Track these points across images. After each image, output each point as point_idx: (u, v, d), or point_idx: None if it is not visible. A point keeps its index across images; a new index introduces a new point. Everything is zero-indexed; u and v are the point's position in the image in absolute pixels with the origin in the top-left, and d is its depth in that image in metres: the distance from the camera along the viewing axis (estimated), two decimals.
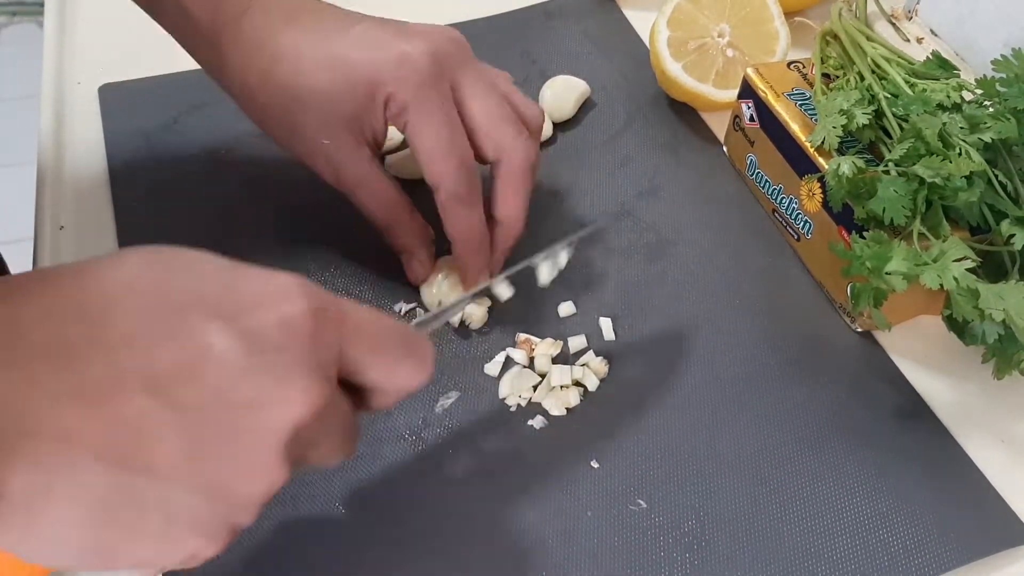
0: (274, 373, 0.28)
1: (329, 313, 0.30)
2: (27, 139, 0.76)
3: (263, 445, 0.27)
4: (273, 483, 0.28)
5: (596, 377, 0.44)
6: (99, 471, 0.26)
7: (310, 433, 0.29)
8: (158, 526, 0.27)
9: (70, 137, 0.55)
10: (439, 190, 0.43)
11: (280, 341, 0.28)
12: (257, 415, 0.27)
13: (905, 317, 0.48)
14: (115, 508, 0.26)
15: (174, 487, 0.27)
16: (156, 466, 0.26)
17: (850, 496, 0.41)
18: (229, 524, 0.28)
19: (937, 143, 0.42)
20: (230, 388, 0.27)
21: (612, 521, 0.39)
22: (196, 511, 0.27)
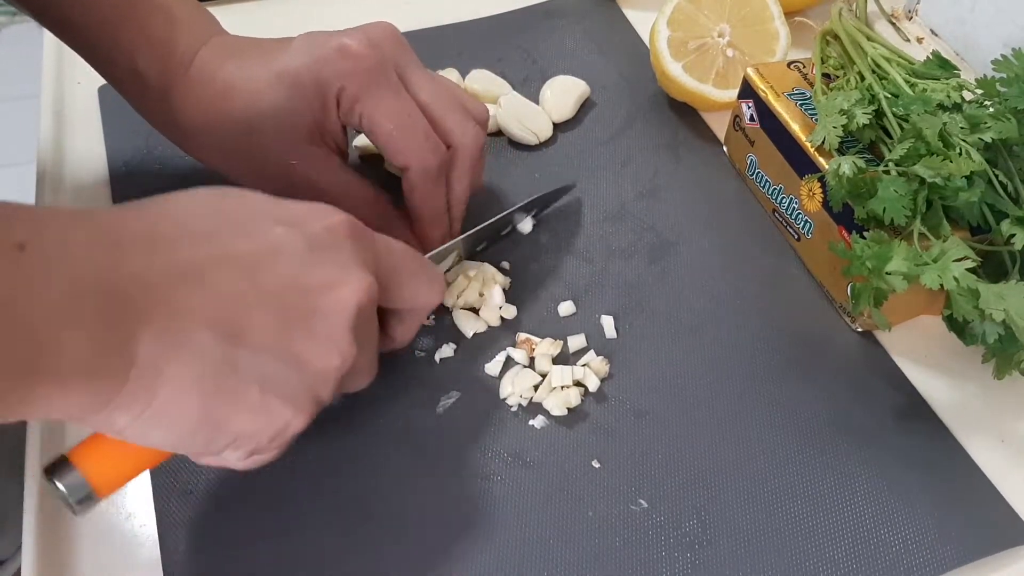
0: (335, 263, 0.33)
1: (363, 228, 0.35)
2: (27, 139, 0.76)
3: (336, 321, 0.32)
4: (346, 357, 0.33)
5: (597, 377, 0.44)
6: (209, 342, 0.30)
7: (363, 325, 0.34)
8: (256, 396, 0.31)
9: (70, 137, 0.55)
10: (409, 170, 0.43)
11: (331, 241, 0.33)
12: (328, 296, 0.32)
13: (905, 317, 0.48)
14: (221, 376, 0.30)
15: (267, 359, 0.31)
16: (252, 338, 0.30)
17: (851, 496, 0.41)
18: (312, 395, 0.32)
19: (937, 143, 0.42)
20: (302, 274, 0.32)
21: (613, 521, 0.39)
22: (285, 381, 0.31)
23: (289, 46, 0.43)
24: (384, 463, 0.41)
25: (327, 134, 0.44)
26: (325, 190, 0.44)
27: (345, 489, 0.40)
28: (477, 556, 0.38)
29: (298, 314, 0.32)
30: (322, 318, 0.32)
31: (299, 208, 0.34)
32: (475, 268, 0.47)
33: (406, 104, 0.42)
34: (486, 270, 0.47)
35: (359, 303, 0.33)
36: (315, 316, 0.32)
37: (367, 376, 0.37)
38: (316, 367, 0.32)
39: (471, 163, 0.45)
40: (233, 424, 0.31)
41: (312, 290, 0.32)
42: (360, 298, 0.33)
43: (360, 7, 0.64)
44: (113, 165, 0.53)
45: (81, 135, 0.55)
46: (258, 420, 0.31)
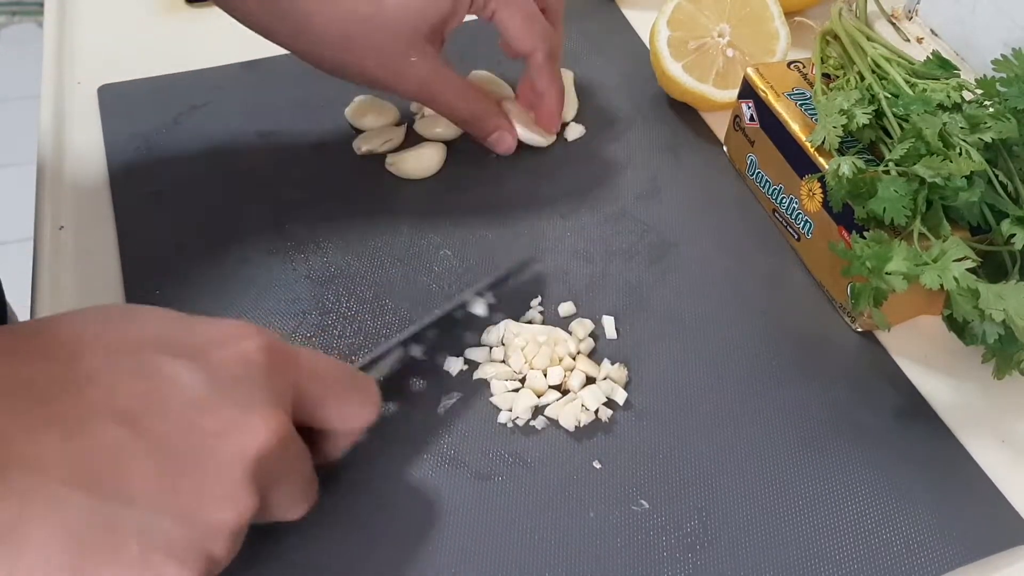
0: (237, 403, 0.29)
1: (281, 351, 0.32)
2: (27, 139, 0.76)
3: (231, 471, 0.29)
4: (242, 511, 0.29)
5: (620, 386, 0.44)
6: (75, 499, 0.27)
7: (273, 465, 0.30)
8: (136, 551, 0.28)
9: (70, 137, 0.55)
10: (536, 53, 0.50)
11: (239, 374, 0.30)
12: (224, 442, 0.29)
13: (905, 317, 0.48)
14: (93, 534, 0.27)
15: (148, 512, 0.28)
16: (130, 491, 0.28)
17: (852, 496, 0.41)
18: (203, 551, 0.29)
19: (937, 143, 0.42)
20: (196, 417, 0.29)
21: (614, 521, 0.39)
22: (170, 536, 0.28)
23: None
24: (384, 463, 0.41)
25: (445, 32, 0.47)
26: (431, 81, 0.48)
27: (345, 489, 0.40)
28: (478, 557, 0.38)
29: (186, 463, 0.29)
30: (216, 469, 0.29)
31: (209, 332, 0.31)
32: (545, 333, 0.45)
33: (528, 1, 0.48)
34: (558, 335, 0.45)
35: (260, 448, 0.29)
36: (208, 466, 0.29)
37: (300, 506, 0.34)
38: (207, 523, 0.29)
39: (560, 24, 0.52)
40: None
41: (206, 435, 0.29)
42: (262, 441, 0.29)
43: None
44: (113, 165, 0.53)
45: (81, 135, 0.55)
46: (140, 574, 0.28)
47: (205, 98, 0.57)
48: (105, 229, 0.50)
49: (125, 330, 0.30)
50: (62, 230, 0.50)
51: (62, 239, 0.50)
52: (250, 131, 0.55)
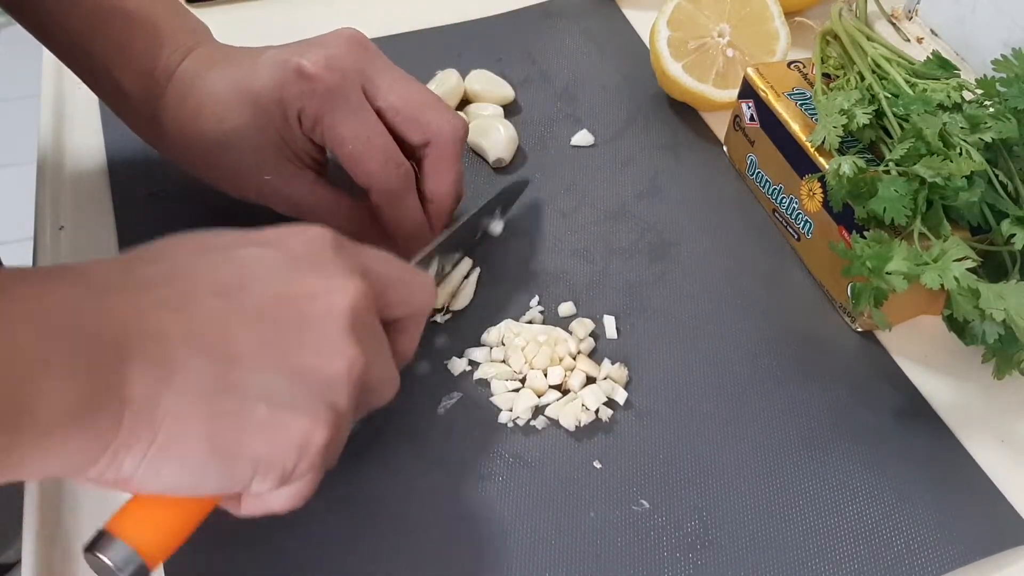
0: (318, 273, 0.32)
1: (344, 240, 0.34)
2: (27, 139, 0.76)
3: (329, 326, 0.31)
4: (351, 360, 0.31)
5: (621, 385, 0.44)
6: (198, 363, 0.29)
7: (365, 327, 0.32)
8: (262, 412, 0.29)
9: (70, 137, 0.55)
10: (371, 190, 0.43)
11: (312, 253, 0.32)
12: (315, 303, 0.31)
13: (905, 317, 0.48)
14: (221, 398, 0.29)
15: (264, 373, 0.30)
16: (243, 356, 0.29)
17: (852, 496, 0.41)
18: (326, 403, 0.31)
19: (938, 143, 0.42)
20: (284, 287, 0.31)
21: (615, 521, 0.39)
22: (291, 393, 0.30)
23: (255, 63, 0.43)
24: (385, 463, 0.41)
25: (297, 150, 0.43)
26: (299, 203, 0.44)
27: (345, 489, 0.40)
28: (478, 556, 0.38)
29: (290, 326, 0.31)
30: (317, 326, 0.31)
31: (275, 230, 0.33)
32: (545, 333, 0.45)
33: (366, 123, 0.42)
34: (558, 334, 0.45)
35: (351, 306, 0.32)
36: (309, 325, 0.31)
37: (389, 387, 0.35)
38: (322, 375, 0.31)
39: (450, 155, 0.44)
40: (247, 447, 0.30)
41: (298, 300, 0.31)
42: (352, 301, 0.32)
43: (361, 7, 0.64)
44: (113, 165, 0.53)
45: (81, 135, 0.55)
46: (273, 438, 0.30)
47: None
48: (105, 229, 0.50)
49: (205, 238, 0.32)
50: (62, 230, 0.50)
51: (62, 239, 0.50)
52: None
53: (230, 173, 0.44)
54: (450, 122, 0.44)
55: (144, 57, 0.43)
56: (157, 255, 0.31)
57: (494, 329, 0.45)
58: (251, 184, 0.44)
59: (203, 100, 0.43)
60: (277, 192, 0.44)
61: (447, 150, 0.44)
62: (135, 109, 0.45)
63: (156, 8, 0.44)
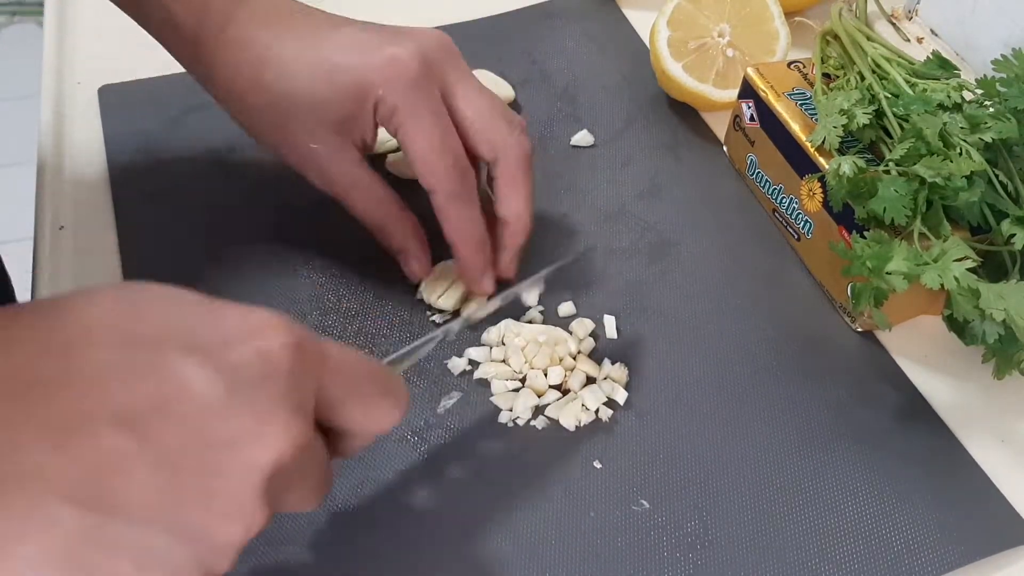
0: (254, 409, 0.27)
1: (308, 349, 0.29)
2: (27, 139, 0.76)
3: (242, 485, 0.26)
4: (251, 526, 0.27)
5: (621, 385, 0.44)
6: (69, 512, 0.25)
7: (288, 473, 0.28)
8: (127, 571, 0.26)
9: (70, 137, 0.55)
10: (435, 192, 0.43)
11: (259, 375, 0.27)
12: (237, 454, 0.26)
13: (906, 317, 0.48)
14: (85, 553, 0.25)
15: (147, 529, 0.26)
16: (128, 506, 0.25)
17: (852, 496, 0.41)
18: (204, 569, 0.27)
19: (938, 143, 0.42)
20: (208, 426, 0.26)
21: (615, 521, 0.39)
22: (170, 555, 0.26)
23: (336, 35, 0.42)
24: (384, 463, 0.41)
25: (355, 130, 0.43)
26: (338, 179, 0.44)
27: (344, 489, 0.40)
28: (478, 557, 0.38)
29: (193, 475, 0.26)
30: (226, 482, 0.26)
31: (231, 323, 0.28)
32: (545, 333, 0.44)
33: (442, 125, 0.42)
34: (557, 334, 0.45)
35: (275, 461, 0.27)
36: (218, 479, 0.26)
37: (313, 503, 0.31)
38: (211, 539, 0.26)
39: (516, 175, 0.44)
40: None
41: (218, 446, 0.26)
42: (279, 453, 0.27)
43: (361, 7, 0.64)
44: (113, 165, 0.53)
45: (81, 135, 0.55)
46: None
47: (205, 98, 0.56)
48: (105, 229, 0.50)
49: (139, 319, 0.27)
50: (62, 230, 0.50)
51: (62, 239, 0.50)
52: None
53: (279, 132, 0.44)
54: (519, 140, 0.44)
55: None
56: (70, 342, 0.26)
57: (494, 329, 0.45)
58: (295, 148, 0.44)
59: (267, 56, 0.42)
60: (319, 163, 0.44)
61: (518, 168, 0.44)
62: (188, 47, 0.43)
63: None
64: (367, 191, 0.45)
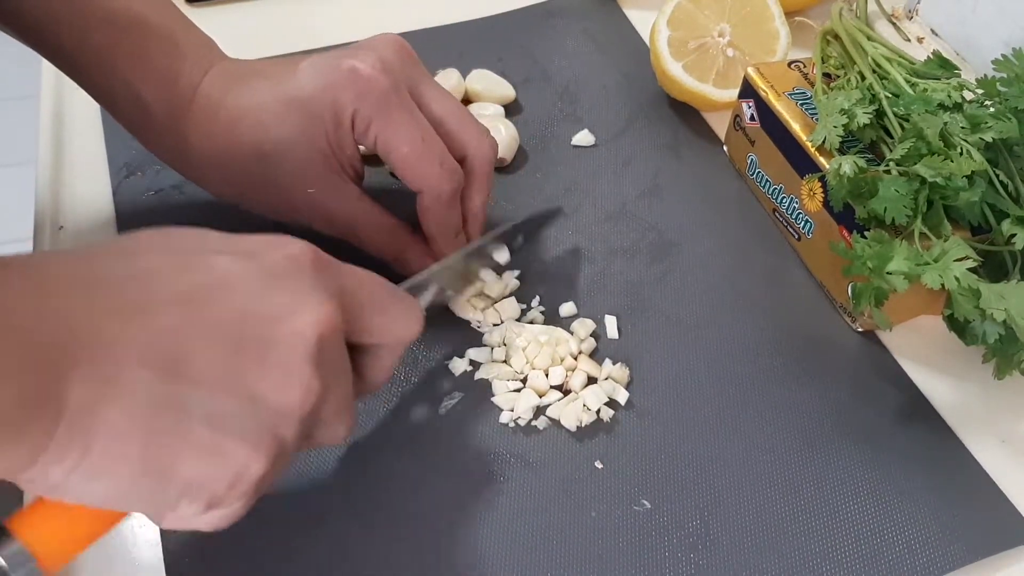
0: (292, 291, 0.30)
1: (325, 257, 0.33)
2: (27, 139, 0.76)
3: (293, 352, 0.29)
4: (307, 392, 0.30)
5: (622, 385, 0.44)
6: (144, 377, 0.27)
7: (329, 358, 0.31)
8: (203, 435, 0.28)
9: (70, 137, 0.55)
10: (424, 194, 0.43)
11: (288, 270, 0.31)
12: (283, 325, 0.29)
13: (906, 317, 0.48)
14: (161, 414, 0.27)
15: (214, 394, 0.28)
16: (195, 374, 0.28)
17: (853, 496, 0.41)
18: (272, 434, 0.29)
19: (938, 143, 0.42)
20: (254, 304, 0.29)
21: (616, 521, 0.39)
22: (238, 418, 0.29)
23: (296, 70, 0.42)
24: (385, 463, 0.41)
25: (343, 159, 0.43)
26: (340, 218, 0.44)
27: (346, 490, 0.40)
28: (479, 557, 0.38)
29: (250, 346, 0.29)
30: (278, 349, 0.29)
31: (256, 240, 0.32)
32: (547, 333, 0.44)
33: (421, 126, 0.42)
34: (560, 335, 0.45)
35: (320, 332, 0.30)
36: (270, 347, 0.29)
37: (343, 425, 0.34)
38: (274, 403, 0.29)
39: (487, 175, 0.44)
40: (181, 469, 0.28)
41: (266, 320, 0.29)
42: (321, 327, 0.30)
43: (360, 7, 0.64)
44: (113, 165, 0.53)
45: (81, 135, 0.55)
46: (209, 463, 0.28)
47: None
48: (105, 229, 0.50)
49: (181, 238, 0.31)
50: (62, 230, 0.50)
51: (62, 239, 0.50)
52: None
53: (269, 189, 0.43)
54: (487, 140, 0.44)
55: (166, 70, 0.42)
56: (125, 250, 0.30)
57: (496, 330, 0.45)
58: (290, 200, 0.43)
59: (240, 113, 0.42)
60: (319, 207, 0.43)
61: (483, 168, 0.44)
62: (159, 128, 0.43)
63: (173, 23, 0.44)
64: (376, 225, 0.44)
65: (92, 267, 0.29)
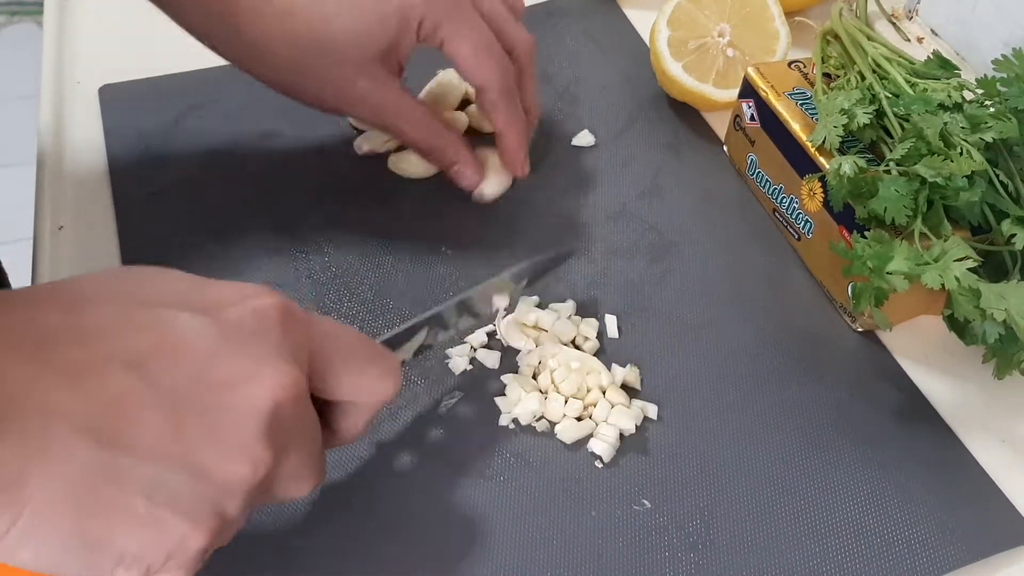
0: (250, 355, 0.29)
1: (297, 312, 0.31)
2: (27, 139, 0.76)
3: (245, 423, 0.28)
4: (257, 465, 0.28)
5: (637, 385, 0.44)
6: (81, 447, 0.26)
7: (287, 425, 0.29)
8: (141, 508, 0.27)
9: (70, 137, 0.55)
10: (487, 90, 0.46)
11: (253, 329, 0.29)
12: (237, 392, 0.28)
13: (906, 317, 0.48)
14: (98, 489, 0.26)
15: (156, 465, 0.27)
16: (139, 443, 0.27)
17: (853, 496, 0.41)
18: (216, 509, 0.28)
19: (938, 143, 0.42)
20: (208, 369, 0.28)
21: (616, 521, 0.39)
22: (179, 491, 0.27)
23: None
24: (385, 463, 0.41)
25: (396, 56, 0.45)
26: (387, 110, 0.46)
27: (346, 489, 0.40)
28: (479, 557, 0.38)
29: (198, 415, 0.28)
30: (229, 419, 0.28)
31: (222, 289, 0.30)
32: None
33: (483, 29, 0.45)
34: None
35: (276, 400, 0.28)
36: (220, 416, 0.28)
37: (307, 481, 0.32)
38: (219, 477, 0.28)
39: (533, 66, 0.49)
40: (116, 541, 0.27)
41: (218, 386, 0.28)
42: (277, 393, 0.28)
43: None
44: (113, 165, 0.53)
45: (81, 135, 0.55)
46: (146, 536, 0.27)
47: (205, 98, 0.56)
48: (105, 229, 0.50)
49: (139, 287, 0.29)
50: (62, 230, 0.50)
51: (62, 239, 0.50)
52: (251, 131, 0.55)
53: (317, 78, 0.45)
54: (527, 37, 0.48)
55: None
56: (74, 301, 0.28)
57: (534, 352, 0.44)
58: (340, 88, 0.45)
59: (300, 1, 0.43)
60: (367, 99, 0.45)
61: (529, 60, 0.48)
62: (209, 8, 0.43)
63: None
64: (417, 118, 0.47)
65: (35, 322, 0.27)
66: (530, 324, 0.45)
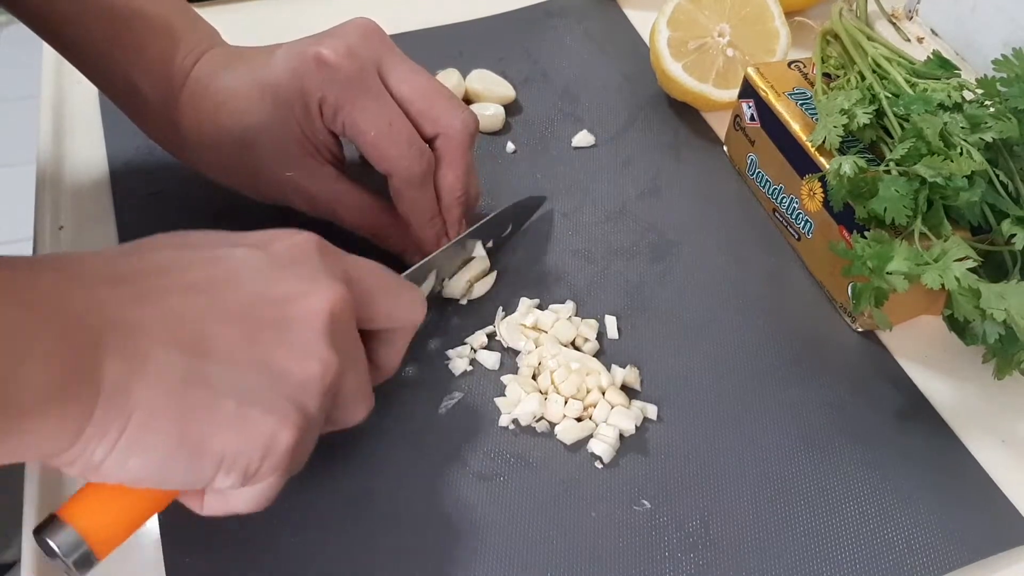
0: (301, 276, 0.32)
1: (330, 246, 0.34)
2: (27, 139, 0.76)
3: (309, 329, 0.31)
4: (327, 364, 0.31)
5: (637, 386, 0.44)
6: (170, 356, 0.29)
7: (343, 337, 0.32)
8: (232, 408, 0.30)
9: (70, 137, 0.55)
10: (393, 177, 0.43)
11: (297, 257, 0.33)
12: (298, 305, 0.31)
13: (906, 317, 0.48)
14: (192, 391, 0.29)
15: (240, 370, 0.30)
16: (219, 352, 0.30)
17: (853, 496, 0.41)
18: (296, 404, 0.31)
19: (938, 143, 0.42)
20: (268, 289, 0.31)
21: (616, 521, 0.39)
22: (263, 392, 0.30)
23: (271, 57, 0.43)
24: (386, 463, 0.41)
25: (318, 144, 0.43)
26: (320, 199, 0.45)
27: (347, 489, 0.40)
28: (479, 557, 0.38)
29: (267, 325, 0.31)
30: (294, 327, 0.31)
31: (261, 233, 0.34)
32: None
33: (387, 110, 0.42)
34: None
35: (331, 309, 0.32)
36: (286, 325, 0.31)
37: (362, 404, 0.35)
38: (295, 376, 0.31)
39: (462, 150, 0.44)
40: (214, 442, 0.30)
41: (279, 302, 0.31)
42: (332, 304, 0.32)
43: (361, 7, 0.64)
44: (113, 165, 0.53)
45: (81, 135, 0.55)
46: (240, 435, 0.30)
47: None
48: (105, 229, 0.50)
49: (188, 235, 0.33)
50: (62, 230, 0.50)
51: (62, 239, 0.50)
52: None
53: (251, 172, 0.44)
54: (461, 116, 0.43)
55: (161, 60, 0.43)
56: (139, 250, 0.31)
57: (534, 352, 0.44)
58: (272, 183, 0.44)
59: (221, 98, 0.43)
60: (299, 190, 0.44)
61: (457, 144, 0.44)
62: (154, 114, 0.44)
63: (171, 14, 0.44)
64: (353, 204, 0.45)
65: (115, 265, 0.30)
66: (530, 325, 0.45)
